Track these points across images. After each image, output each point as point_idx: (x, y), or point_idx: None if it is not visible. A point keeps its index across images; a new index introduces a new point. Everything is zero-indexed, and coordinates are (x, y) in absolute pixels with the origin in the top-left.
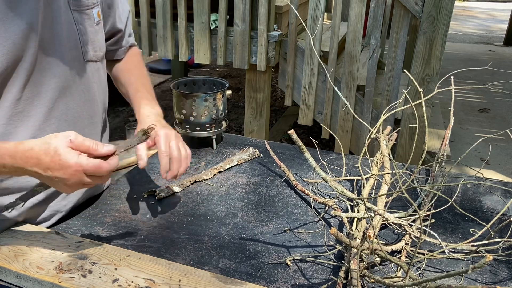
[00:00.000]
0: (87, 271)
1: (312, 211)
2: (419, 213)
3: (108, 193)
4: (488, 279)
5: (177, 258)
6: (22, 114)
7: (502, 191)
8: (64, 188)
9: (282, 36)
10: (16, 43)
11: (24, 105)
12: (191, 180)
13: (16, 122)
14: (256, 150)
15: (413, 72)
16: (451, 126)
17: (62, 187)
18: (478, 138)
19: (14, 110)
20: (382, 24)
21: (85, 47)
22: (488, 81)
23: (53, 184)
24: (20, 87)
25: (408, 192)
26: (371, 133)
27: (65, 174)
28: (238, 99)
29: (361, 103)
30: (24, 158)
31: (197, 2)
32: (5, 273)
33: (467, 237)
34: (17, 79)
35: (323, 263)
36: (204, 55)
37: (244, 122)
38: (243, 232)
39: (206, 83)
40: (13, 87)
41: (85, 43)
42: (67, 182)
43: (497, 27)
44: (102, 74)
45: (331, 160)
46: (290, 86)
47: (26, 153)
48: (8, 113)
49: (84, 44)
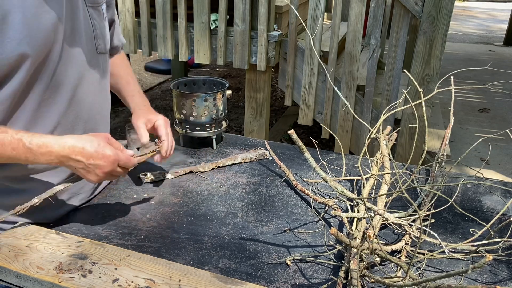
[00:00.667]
0: (87, 271)
1: (312, 211)
2: (419, 213)
3: (108, 193)
4: (488, 279)
5: (177, 258)
6: (49, 101)
7: (502, 191)
8: (95, 176)
9: (282, 36)
10: (48, 35)
11: (50, 92)
12: (186, 170)
13: (44, 108)
14: (266, 152)
15: (413, 72)
16: (451, 126)
17: (93, 176)
18: (478, 138)
19: (43, 97)
20: (382, 24)
21: (98, 40)
22: (488, 81)
23: (87, 173)
24: (49, 76)
25: (408, 192)
26: (371, 133)
27: (105, 162)
28: (238, 99)
29: (361, 103)
30: (71, 148)
31: (197, 2)
32: (5, 273)
33: (467, 237)
34: (47, 69)
35: (323, 263)
36: (204, 55)
37: (244, 122)
38: (243, 232)
39: (206, 83)
40: (44, 76)
41: (97, 37)
42: (104, 170)
43: (497, 27)
44: (108, 65)
45: (331, 160)
46: (290, 86)
47: (73, 143)
48: (38, 100)
49: (97, 37)
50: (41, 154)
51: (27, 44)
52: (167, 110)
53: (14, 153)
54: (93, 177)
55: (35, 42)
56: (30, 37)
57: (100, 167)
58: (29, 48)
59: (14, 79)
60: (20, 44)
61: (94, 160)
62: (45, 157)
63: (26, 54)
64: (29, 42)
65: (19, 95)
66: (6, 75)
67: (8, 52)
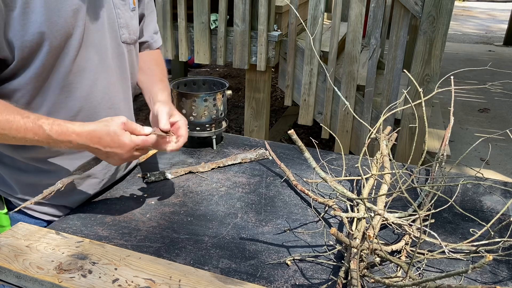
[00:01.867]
0: (87, 271)
1: (312, 211)
2: (419, 213)
3: (108, 193)
4: (488, 279)
5: (177, 258)
6: (71, 86)
7: (502, 191)
8: (115, 161)
9: (282, 36)
10: (68, 21)
11: (73, 77)
12: (185, 170)
13: (67, 93)
14: (266, 152)
15: (413, 72)
16: (451, 126)
17: (114, 160)
18: (478, 138)
19: (65, 81)
20: (382, 24)
21: (122, 30)
22: (488, 81)
23: (106, 157)
24: (71, 61)
25: (408, 192)
26: (371, 133)
27: (122, 150)
28: (238, 99)
29: (361, 103)
30: (89, 137)
31: (197, 2)
32: (5, 273)
33: (467, 237)
34: (68, 54)
35: (323, 263)
36: (204, 55)
37: (244, 122)
38: (243, 232)
39: (206, 83)
40: (65, 61)
41: (121, 26)
42: (122, 157)
43: (497, 27)
44: (134, 56)
45: (331, 160)
46: (290, 86)
47: (91, 133)
48: (60, 84)
49: (120, 26)
50: (61, 141)
51: (47, 27)
52: None
53: (36, 138)
54: (113, 162)
55: (54, 26)
56: (50, 21)
57: (117, 154)
58: (48, 31)
59: (35, 62)
60: (40, 27)
61: (112, 148)
62: (65, 144)
63: (45, 37)
64: (48, 26)
65: (41, 79)
66: (27, 58)
67: (30, 35)
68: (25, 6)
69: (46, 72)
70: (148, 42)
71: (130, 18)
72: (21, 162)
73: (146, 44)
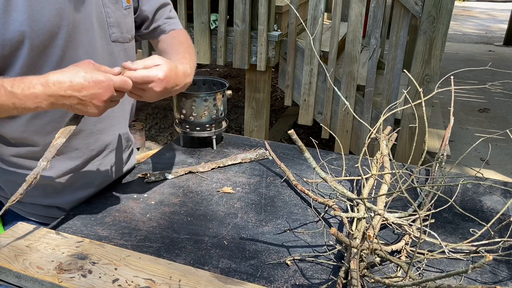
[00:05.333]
0: (87, 271)
1: (312, 211)
2: (419, 213)
3: (108, 193)
4: (488, 279)
5: (177, 258)
6: None
7: (502, 191)
8: (95, 108)
9: (282, 36)
10: (51, 20)
11: None
12: (185, 170)
13: None
14: (266, 152)
15: (413, 72)
16: (451, 126)
17: (93, 108)
18: (478, 138)
19: None
20: (382, 24)
21: (112, 29)
22: (488, 81)
23: (85, 107)
24: (57, 61)
25: (408, 192)
26: (371, 133)
27: (100, 89)
28: (238, 99)
29: (361, 103)
30: (57, 84)
31: (197, 2)
32: (5, 273)
33: (467, 237)
34: (54, 53)
35: (323, 263)
36: (204, 55)
37: (244, 122)
38: (243, 232)
39: (206, 83)
40: (51, 60)
41: (111, 25)
42: (102, 98)
43: (497, 27)
44: (131, 55)
45: (331, 160)
46: (290, 86)
47: (59, 79)
48: None
49: (110, 25)
50: (25, 97)
51: (28, 25)
52: (167, 110)
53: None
54: (94, 109)
55: (37, 24)
56: (31, 19)
57: (96, 96)
58: (30, 30)
59: (18, 61)
60: (22, 25)
61: (88, 90)
62: (32, 100)
63: (25, 35)
64: (30, 24)
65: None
66: (8, 56)
67: (11, 33)
68: (6, 4)
69: (31, 71)
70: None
71: (123, 17)
72: (4, 160)
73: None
